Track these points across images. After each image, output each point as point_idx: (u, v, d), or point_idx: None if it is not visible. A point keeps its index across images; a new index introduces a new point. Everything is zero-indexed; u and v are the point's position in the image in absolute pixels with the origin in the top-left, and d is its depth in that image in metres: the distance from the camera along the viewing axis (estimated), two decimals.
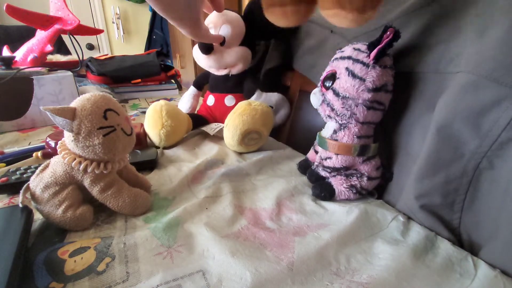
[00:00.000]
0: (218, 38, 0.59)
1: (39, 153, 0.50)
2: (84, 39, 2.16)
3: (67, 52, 1.36)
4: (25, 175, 0.42)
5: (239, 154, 0.57)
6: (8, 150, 0.55)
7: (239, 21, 0.63)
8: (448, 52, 0.34)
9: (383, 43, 0.34)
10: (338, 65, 0.38)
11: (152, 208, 0.39)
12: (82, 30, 0.96)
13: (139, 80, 1.08)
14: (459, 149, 0.30)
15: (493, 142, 0.28)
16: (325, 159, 0.42)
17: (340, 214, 0.37)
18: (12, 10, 0.79)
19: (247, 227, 0.35)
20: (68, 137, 0.33)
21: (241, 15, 0.65)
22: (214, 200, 0.41)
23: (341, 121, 0.39)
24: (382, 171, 0.41)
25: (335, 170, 0.41)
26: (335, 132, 0.40)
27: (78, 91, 0.77)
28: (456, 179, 0.31)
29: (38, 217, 0.35)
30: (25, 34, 0.98)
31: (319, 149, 0.44)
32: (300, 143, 0.61)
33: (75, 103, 0.32)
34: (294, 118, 0.69)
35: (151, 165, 0.50)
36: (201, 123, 0.68)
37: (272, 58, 0.73)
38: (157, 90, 1.12)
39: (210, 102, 0.70)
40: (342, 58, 0.38)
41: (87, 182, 0.34)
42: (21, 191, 0.33)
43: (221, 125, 0.65)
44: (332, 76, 0.38)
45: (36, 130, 0.70)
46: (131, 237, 0.33)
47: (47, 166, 0.35)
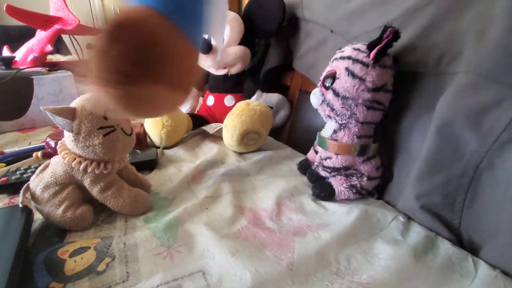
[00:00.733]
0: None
1: (39, 153, 0.50)
2: (84, 39, 2.16)
3: (67, 52, 1.36)
4: (25, 175, 0.42)
5: (239, 154, 0.57)
6: (8, 150, 0.55)
7: (238, 20, 0.63)
8: (448, 52, 0.34)
9: (382, 43, 0.34)
10: (338, 65, 0.38)
11: (152, 208, 0.39)
12: (82, 30, 0.96)
13: None
14: (459, 149, 0.30)
15: (493, 142, 0.28)
16: (325, 159, 0.42)
17: (340, 214, 0.37)
18: (12, 10, 0.79)
19: (247, 227, 0.35)
20: (68, 137, 0.33)
21: (241, 15, 0.65)
22: (214, 200, 0.41)
23: (341, 121, 0.39)
24: (382, 171, 0.41)
25: (335, 170, 0.41)
26: (335, 132, 0.40)
27: (78, 91, 0.77)
28: (456, 179, 0.31)
29: (38, 217, 0.35)
30: (25, 34, 0.98)
31: (319, 149, 0.44)
32: (300, 143, 0.61)
33: (75, 103, 0.32)
34: (294, 118, 0.69)
35: (151, 165, 0.50)
36: (201, 123, 0.68)
37: (272, 58, 0.73)
38: None
39: (209, 102, 0.70)
40: (342, 58, 0.38)
41: (87, 182, 0.34)
42: (21, 191, 0.33)
43: (220, 125, 0.65)
44: (332, 76, 0.38)
45: (36, 130, 0.70)
46: (131, 237, 0.33)
47: (47, 166, 0.35)
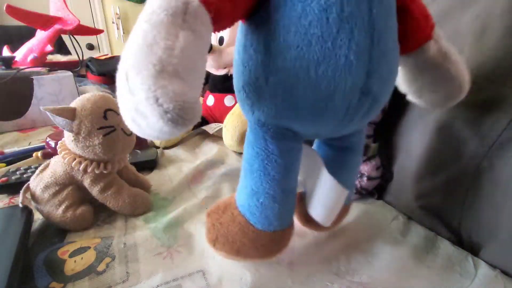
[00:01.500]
0: None
1: (39, 153, 0.50)
2: (84, 39, 2.16)
3: (67, 52, 1.36)
4: (25, 175, 0.42)
5: (239, 154, 0.57)
6: (8, 150, 0.55)
7: None
8: None
9: None
10: None
11: (152, 208, 0.38)
12: (82, 30, 0.96)
13: None
14: (459, 149, 0.30)
15: (493, 142, 0.28)
16: None
17: None
18: (12, 10, 0.79)
19: None
20: (68, 137, 0.33)
21: None
22: (214, 200, 0.41)
23: None
24: (382, 171, 0.41)
25: None
26: None
27: (78, 91, 0.77)
28: (456, 179, 0.31)
29: (38, 217, 0.35)
30: (25, 34, 0.98)
31: None
32: None
33: (75, 103, 0.32)
34: None
35: (151, 165, 0.50)
36: (201, 123, 0.68)
37: None
38: None
39: (209, 102, 0.70)
40: None
41: (87, 182, 0.34)
42: (21, 191, 0.33)
43: (220, 125, 0.65)
44: None
45: (36, 130, 0.70)
46: (131, 237, 0.33)
47: (47, 166, 0.35)
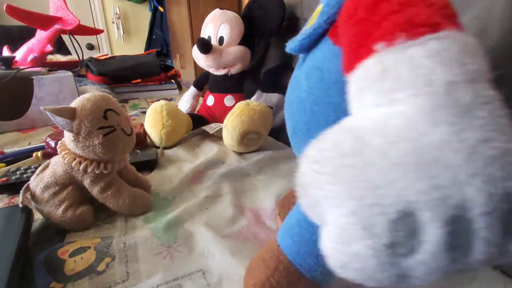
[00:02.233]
0: None
1: (39, 153, 0.50)
2: (84, 39, 2.16)
3: (67, 52, 1.36)
4: (25, 175, 0.42)
5: (239, 154, 0.57)
6: (8, 150, 0.55)
7: (238, 20, 0.63)
8: None
9: None
10: None
11: (152, 208, 0.39)
12: (82, 30, 0.96)
13: (139, 80, 1.08)
14: None
15: None
16: None
17: None
18: (12, 10, 0.79)
19: (247, 227, 0.35)
20: (68, 137, 0.33)
21: (241, 15, 0.65)
22: (214, 200, 0.41)
23: None
24: None
25: None
26: None
27: (78, 91, 0.77)
28: None
29: (38, 217, 0.35)
30: (25, 34, 0.98)
31: None
32: None
33: (75, 103, 0.32)
34: None
35: (151, 165, 0.50)
36: (201, 123, 0.68)
37: (272, 58, 0.73)
38: (157, 90, 1.12)
39: (209, 102, 0.70)
40: None
41: (87, 182, 0.34)
42: (21, 191, 0.33)
43: (220, 125, 0.65)
44: None
45: (36, 130, 0.70)
46: (131, 237, 0.33)
47: (47, 166, 0.35)
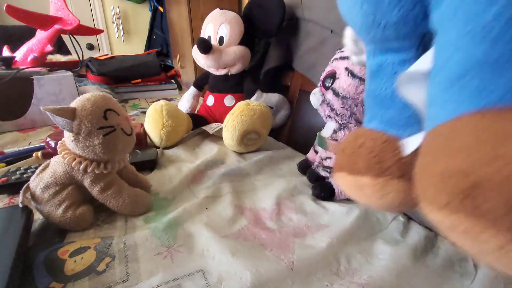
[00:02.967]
0: None
1: (39, 153, 0.50)
2: (84, 39, 2.16)
3: (67, 52, 1.36)
4: (25, 175, 0.42)
5: (239, 154, 0.57)
6: (8, 150, 0.55)
7: (238, 20, 0.63)
8: None
9: None
10: (337, 65, 0.38)
11: (152, 208, 0.39)
12: (82, 30, 0.96)
13: (139, 80, 1.08)
14: None
15: None
16: (325, 159, 0.42)
17: (340, 214, 0.37)
18: (12, 10, 0.79)
19: (247, 227, 0.35)
20: (68, 137, 0.32)
21: (241, 15, 0.65)
22: (214, 200, 0.41)
23: (341, 121, 0.39)
24: None
25: None
26: (335, 132, 0.40)
27: (78, 91, 0.77)
28: None
29: (38, 217, 0.35)
30: (25, 34, 0.98)
31: (319, 149, 0.44)
32: (300, 143, 0.61)
33: (75, 103, 0.32)
34: (294, 118, 0.69)
35: (151, 165, 0.50)
36: (201, 123, 0.68)
37: (272, 58, 0.73)
38: (157, 90, 1.12)
39: (209, 102, 0.70)
40: (342, 58, 0.38)
41: (87, 182, 0.34)
42: (21, 191, 0.33)
43: (220, 125, 0.65)
44: (332, 76, 0.38)
45: (36, 130, 0.70)
46: (131, 237, 0.33)
47: (47, 166, 0.35)
